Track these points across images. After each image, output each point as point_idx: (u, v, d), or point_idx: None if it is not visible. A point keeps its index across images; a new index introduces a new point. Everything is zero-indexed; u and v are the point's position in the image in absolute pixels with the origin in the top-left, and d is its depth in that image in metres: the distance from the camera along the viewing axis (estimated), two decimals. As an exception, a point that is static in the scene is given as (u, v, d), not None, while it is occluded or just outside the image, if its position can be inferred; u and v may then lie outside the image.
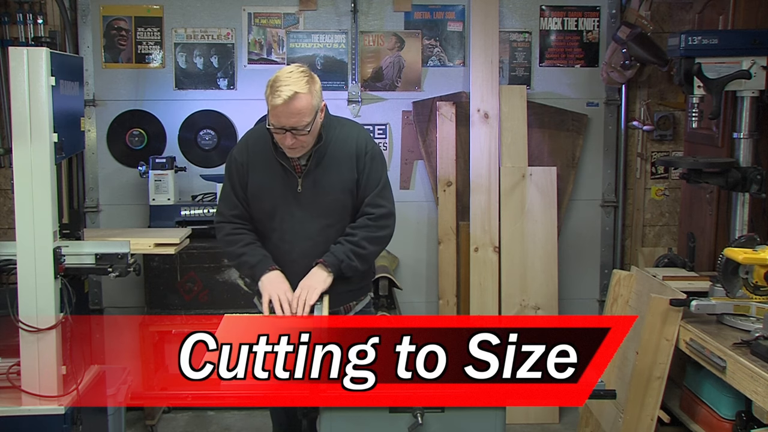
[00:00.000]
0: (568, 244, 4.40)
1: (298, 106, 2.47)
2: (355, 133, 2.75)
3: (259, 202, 2.73)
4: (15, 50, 2.59)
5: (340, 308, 2.78)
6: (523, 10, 4.31)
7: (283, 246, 2.71)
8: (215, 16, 4.23)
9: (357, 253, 2.66)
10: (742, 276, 2.84)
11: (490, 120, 4.19)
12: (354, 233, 2.68)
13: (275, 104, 2.47)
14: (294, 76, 2.50)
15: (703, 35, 3.16)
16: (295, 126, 2.50)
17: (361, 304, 2.86)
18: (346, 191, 2.69)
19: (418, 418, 2.09)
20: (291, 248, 2.70)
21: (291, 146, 2.56)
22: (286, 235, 2.70)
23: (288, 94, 2.45)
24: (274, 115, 2.51)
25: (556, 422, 4.16)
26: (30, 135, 2.59)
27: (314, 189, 2.67)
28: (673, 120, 4.31)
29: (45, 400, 2.69)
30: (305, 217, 2.68)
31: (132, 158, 4.21)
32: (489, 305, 4.15)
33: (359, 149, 2.70)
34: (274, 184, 2.69)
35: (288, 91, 2.45)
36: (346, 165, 2.69)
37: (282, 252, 2.71)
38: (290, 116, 2.48)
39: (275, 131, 2.54)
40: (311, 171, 2.67)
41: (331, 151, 2.68)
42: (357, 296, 2.84)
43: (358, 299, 2.84)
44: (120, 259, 2.85)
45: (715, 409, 2.93)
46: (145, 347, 4.03)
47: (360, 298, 2.85)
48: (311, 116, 2.52)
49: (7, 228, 4.17)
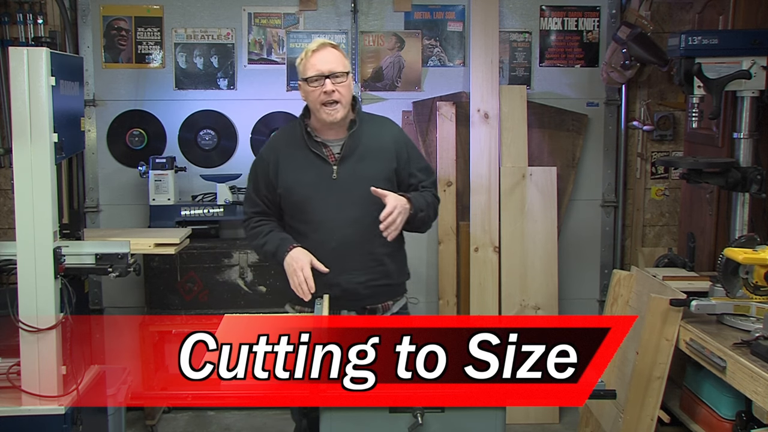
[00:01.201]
0: (568, 244, 4.40)
1: (333, 53, 2.66)
2: (391, 126, 2.87)
3: (293, 195, 2.73)
4: (15, 50, 2.59)
5: (378, 306, 2.77)
6: (523, 10, 4.31)
7: (319, 236, 2.69)
8: (215, 16, 4.23)
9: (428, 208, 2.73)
10: (742, 276, 2.84)
11: (490, 120, 4.19)
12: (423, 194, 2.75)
13: (310, 49, 2.65)
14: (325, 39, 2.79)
15: (703, 35, 3.16)
16: (332, 71, 2.62)
17: (397, 305, 2.84)
18: (385, 180, 2.71)
19: (418, 418, 2.09)
20: (329, 237, 2.68)
21: (330, 96, 2.62)
22: (323, 224, 2.69)
23: (321, 41, 2.68)
24: (310, 65, 2.64)
25: (556, 422, 4.16)
26: (30, 135, 2.59)
27: (352, 177, 2.68)
28: (673, 120, 4.31)
29: (45, 400, 2.69)
30: (342, 204, 2.68)
31: (132, 158, 4.21)
32: (489, 305, 4.15)
33: (398, 139, 2.80)
34: (306, 174, 2.71)
35: (321, 41, 2.69)
36: (385, 154, 2.74)
37: (319, 242, 2.69)
38: (326, 61, 2.63)
39: (312, 85, 2.64)
40: (347, 158, 2.69)
41: (367, 141, 2.73)
42: (394, 295, 2.83)
43: (395, 298, 2.83)
44: (120, 259, 2.85)
45: (715, 409, 2.93)
46: (145, 347, 4.03)
47: (396, 298, 2.84)
48: (345, 68, 2.66)
49: (7, 228, 4.18)
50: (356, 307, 2.74)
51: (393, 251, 2.77)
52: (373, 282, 2.72)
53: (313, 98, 2.66)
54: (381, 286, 2.75)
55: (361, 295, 2.72)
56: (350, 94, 2.70)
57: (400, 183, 2.78)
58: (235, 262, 3.96)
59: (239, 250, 3.96)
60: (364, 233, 2.66)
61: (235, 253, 3.95)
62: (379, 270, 2.73)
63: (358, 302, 2.73)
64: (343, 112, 2.67)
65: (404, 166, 2.77)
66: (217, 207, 4.07)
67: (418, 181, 2.80)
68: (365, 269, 2.71)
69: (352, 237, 2.67)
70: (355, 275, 2.70)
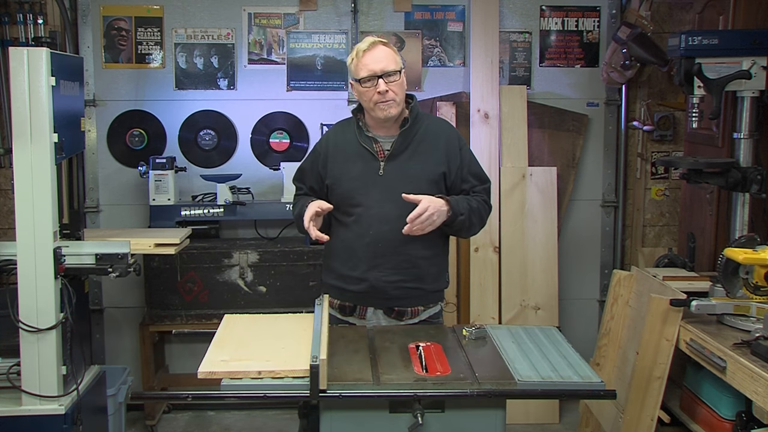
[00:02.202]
0: (569, 244, 4.40)
1: (384, 51, 2.65)
2: (445, 127, 2.84)
3: (340, 186, 2.73)
4: (15, 50, 2.59)
5: (407, 309, 2.74)
6: (523, 10, 4.31)
7: (358, 229, 2.69)
8: (215, 16, 4.23)
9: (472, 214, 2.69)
10: (743, 276, 2.84)
11: (490, 120, 4.19)
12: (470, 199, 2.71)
13: (362, 49, 2.64)
14: (374, 36, 2.73)
15: (703, 35, 3.16)
16: (384, 69, 2.60)
17: (428, 312, 2.79)
18: (431, 182, 2.69)
19: (418, 418, 2.09)
20: (365, 231, 2.68)
21: (384, 96, 2.60)
22: (363, 218, 2.69)
23: (371, 40, 2.66)
24: (362, 65, 2.63)
25: (556, 422, 4.16)
26: (30, 135, 2.59)
27: (398, 174, 2.67)
28: (673, 120, 4.31)
29: (45, 400, 2.70)
30: (385, 201, 2.66)
31: (132, 158, 4.21)
32: (489, 305, 4.15)
33: (452, 142, 2.76)
34: (354, 167, 2.71)
35: (371, 39, 2.67)
36: (436, 157, 2.71)
37: (356, 235, 2.69)
38: (378, 60, 2.62)
39: (366, 85, 2.63)
40: (395, 156, 2.68)
41: (419, 141, 2.71)
42: (426, 301, 2.78)
43: (427, 305, 2.78)
44: (120, 259, 2.85)
45: (715, 409, 2.93)
46: (145, 347, 4.04)
47: (429, 305, 2.79)
48: (398, 66, 2.65)
49: (7, 228, 4.18)
50: (383, 306, 2.73)
51: (431, 255, 2.72)
52: (404, 284, 2.69)
53: (366, 98, 2.65)
54: (412, 289, 2.71)
55: (390, 295, 2.70)
56: (403, 91, 2.68)
57: (452, 187, 2.74)
58: (235, 262, 3.96)
59: (239, 250, 3.97)
60: (399, 233, 2.59)
61: (235, 253, 3.95)
62: (413, 272, 2.70)
63: (386, 302, 2.71)
64: (398, 109, 2.66)
65: (456, 170, 2.73)
66: (217, 207, 4.07)
67: (471, 186, 2.76)
68: (397, 269, 2.68)
69: (388, 234, 2.64)
70: (386, 273, 2.68)
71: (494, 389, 2.13)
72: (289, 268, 3.95)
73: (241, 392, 2.12)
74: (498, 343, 2.46)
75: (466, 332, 2.52)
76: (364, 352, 2.38)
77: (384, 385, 2.13)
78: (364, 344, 2.46)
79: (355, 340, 2.50)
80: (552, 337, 2.52)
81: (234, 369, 2.13)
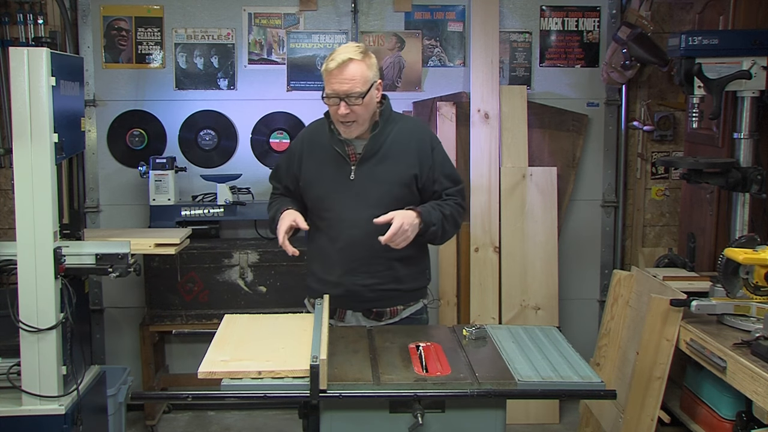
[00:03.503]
0: (569, 244, 4.40)
1: (352, 71, 2.53)
2: (417, 128, 2.79)
3: (311, 190, 2.73)
4: (15, 50, 2.59)
5: (385, 310, 2.74)
6: (524, 11, 4.31)
7: (330, 233, 2.69)
8: (215, 17, 4.23)
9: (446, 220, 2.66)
10: (743, 276, 2.84)
11: (491, 120, 4.19)
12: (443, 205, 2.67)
13: (329, 68, 2.54)
14: (350, 47, 2.61)
15: (703, 35, 3.15)
16: (348, 92, 2.53)
17: (409, 310, 2.79)
18: (402, 185, 2.67)
19: (418, 418, 2.09)
20: (338, 236, 2.67)
21: (344, 117, 2.56)
22: (334, 222, 2.68)
23: (342, 58, 2.53)
24: (328, 82, 2.57)
25: (556, 422, 4.16)
26: (30, 135, 2.59)
27: (368, 179, 2.65)
28: (674, 120, 4.31)
29: (45, 400, 2.70)
30: (356, 205, 2.65)
31: (132, 158, 4.21)
32: (489, 305, 4.15)
33: (424, 143, 2.71)
34: (326, 171, 2.69)
35: (342, 56, 2.54)
36: (407, 159, 2.67)
37: (329, 240, 2.69)
38: (343, 81, 2.53)
39: (329, 101, 2.58)
40: (366, 160, 2.66)
41: (390, 143, 2.68)
42: (406, 300, 2.77)
43: (406, 303, 2.78)
44: (120, 259, 2.85)
45: (716, 409, 2.93)
46: (145, 347, 4.04)
47: (409, 303, 2.79)
48: (365, 86, 2.56)
49: (7, 228, 4.18)
50: (361, 309, 2.73)
51: (408, 256, 2.70)
52: (380, 286, 2.69)
53: (331, 112, 2.63)
54: (389, 290, 2.71)
55: (366, 297, 2.70)
56: (369, 110, 2.61)
57: (424, 188, 2.71)
58: (235, 262, 3.96)
59: (239, 250, 3.96)
60: (373, 236, 2.57)
61: (235, 253, 3.95)
62: (388, 274, 2.69)
63: (363, 304, 2.71)
64: (360, 129, 2.62)
65: (428, 171, 2.69)
66: (217, 207, 4.07)
67: (443, 188, 2.72)
68: (373, 273, 2.67)
69: (361, 239, 2.63)
70: (360, 277, 2.67)
71: (494, 389, 2.13)
72: (289, 268, 3.95)
73: (241, 392, 2.12)
74: (498, 343, 2.45)
75: (466, 332, 2.52)
76: (364, 352, 2.38)
77: (384, 385, 2.13)
78: (364, 344, 2.45)
79: (355, 340, 2.50)
80: (552, 337, 2.52)
81: (234, 369, 2.13)
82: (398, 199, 2.64)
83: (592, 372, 2.22)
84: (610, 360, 3.39)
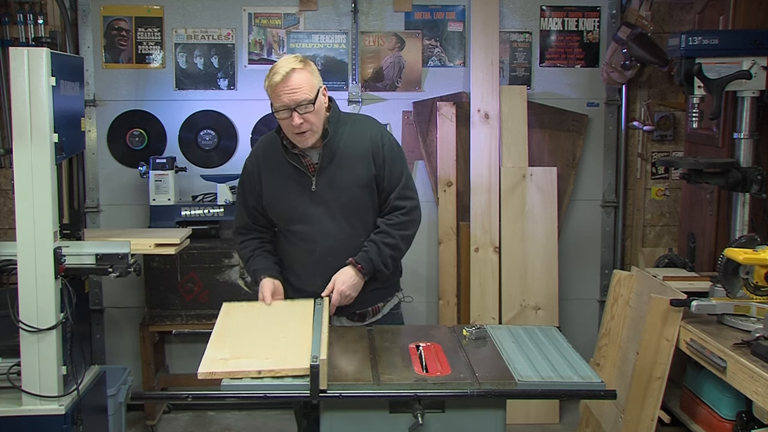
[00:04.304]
0: (569, 245, 4.40)
1: (297, 80, 2.53)
2: (368, 127, 2.76)
3: (276, 208, 2.73)
4: (15, 50, 2.59)
5: (368, 309, 2.76)
6: (524, 11, 4.31)
7: (305, 246, 2.70)
8: (216, 17, 4.23)
9: (393, 256, 2.68)
10: (743, 276, 2.84)
11: (491, 120, 4.19)
12: (390, 233, 2.67)
13: (275, 82, 2.53)
14: (288, 59, 2.60)
15: (703, 35, 3.15)
16: (298, 101, 2.53)
17: (389, 306, 2.82)
18: (364, 188, 2.67)
19: (418, 418, 2.09)
20: (312, 248, 2.68)
21: (299, 128, 2.56)
22: (306, 235, 2.69)
23: (285, 70, 2.53)
24: (276, 96, 2.56)
25: (556, 422, 4.16)
26: (30, 135, 2.59)
27: (330, 187, 2.65)
28: (674, 120, 4.31)
29: (45, 400, 2.70)
30: (324, 215, 2.66)
31: (132, 158, 4.21)
32: (489, 305, 4.15)
33: (375, 143, 2.70)
34: (287, 187, 2.69)
35: (284, 68, 2.54)
36: (362, 161, 2.67)
37: (304, 252, 2.70)
38: (291, 92, 2.53)
39: (281, 116, 2.58)
40: (324, 168, 2.65)
41: (344, 148, 2.67)
42: (384, 296, 2.80)
43: (386, 300, 2.81)
44: (120, 259, 2.86)
45: (716, 409, 2.93)
46: (145, 347, 4.04)
47: (387, 299, 2.82)
48: (312, 92, 2.56)
49: (7, 228, 4.18)
50: (346, 313, 2.74)
51: None
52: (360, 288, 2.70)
53: (284, 126, 2.62)
54: (369, 291, 2.72)
55: None
56: (320, 117, 2.61)
57: (380, 188, 2.72)
58: (235, 262, 3.95)
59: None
60: (346, 243, 2.64)
61: (235, 253, 3.95)
62: None
63: (347, 308, 2.72)
64: (315, 136, 2.61)
65: (380, 170, 2.70)
66: (217, 207, 4.06)
67: (389, 191, 2.71)
68: None
69: (335, 248, 2.66)
70: None
71: (494, 389, 2.13)
72: (289, 268, 3.95)
73: (241, 392, 2.12)
74: (498, 343, 2.46)
75: (466, 332, 2.52)
76: (364, 352, 2.39)
77: (384, 385, 2.14)
78: (364, 344, 2.46)
79: (355, 340, 2.50)
80: (552, 337, 2.52)
81: (234, 369, 2.14)
82: (363, 203, 2.69)
83: (592, 372, 2.22)
84: (610, 360, 3.39)
